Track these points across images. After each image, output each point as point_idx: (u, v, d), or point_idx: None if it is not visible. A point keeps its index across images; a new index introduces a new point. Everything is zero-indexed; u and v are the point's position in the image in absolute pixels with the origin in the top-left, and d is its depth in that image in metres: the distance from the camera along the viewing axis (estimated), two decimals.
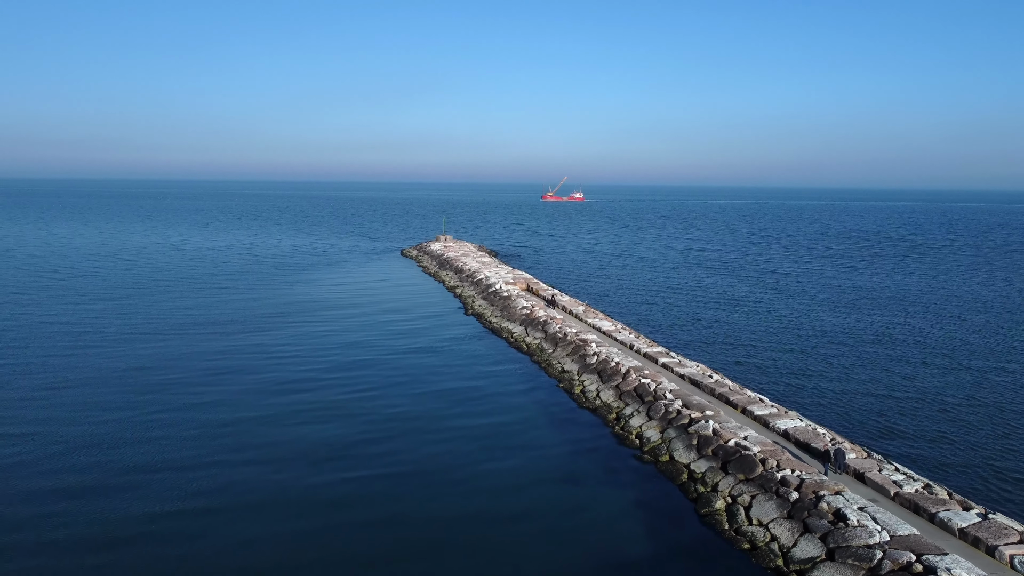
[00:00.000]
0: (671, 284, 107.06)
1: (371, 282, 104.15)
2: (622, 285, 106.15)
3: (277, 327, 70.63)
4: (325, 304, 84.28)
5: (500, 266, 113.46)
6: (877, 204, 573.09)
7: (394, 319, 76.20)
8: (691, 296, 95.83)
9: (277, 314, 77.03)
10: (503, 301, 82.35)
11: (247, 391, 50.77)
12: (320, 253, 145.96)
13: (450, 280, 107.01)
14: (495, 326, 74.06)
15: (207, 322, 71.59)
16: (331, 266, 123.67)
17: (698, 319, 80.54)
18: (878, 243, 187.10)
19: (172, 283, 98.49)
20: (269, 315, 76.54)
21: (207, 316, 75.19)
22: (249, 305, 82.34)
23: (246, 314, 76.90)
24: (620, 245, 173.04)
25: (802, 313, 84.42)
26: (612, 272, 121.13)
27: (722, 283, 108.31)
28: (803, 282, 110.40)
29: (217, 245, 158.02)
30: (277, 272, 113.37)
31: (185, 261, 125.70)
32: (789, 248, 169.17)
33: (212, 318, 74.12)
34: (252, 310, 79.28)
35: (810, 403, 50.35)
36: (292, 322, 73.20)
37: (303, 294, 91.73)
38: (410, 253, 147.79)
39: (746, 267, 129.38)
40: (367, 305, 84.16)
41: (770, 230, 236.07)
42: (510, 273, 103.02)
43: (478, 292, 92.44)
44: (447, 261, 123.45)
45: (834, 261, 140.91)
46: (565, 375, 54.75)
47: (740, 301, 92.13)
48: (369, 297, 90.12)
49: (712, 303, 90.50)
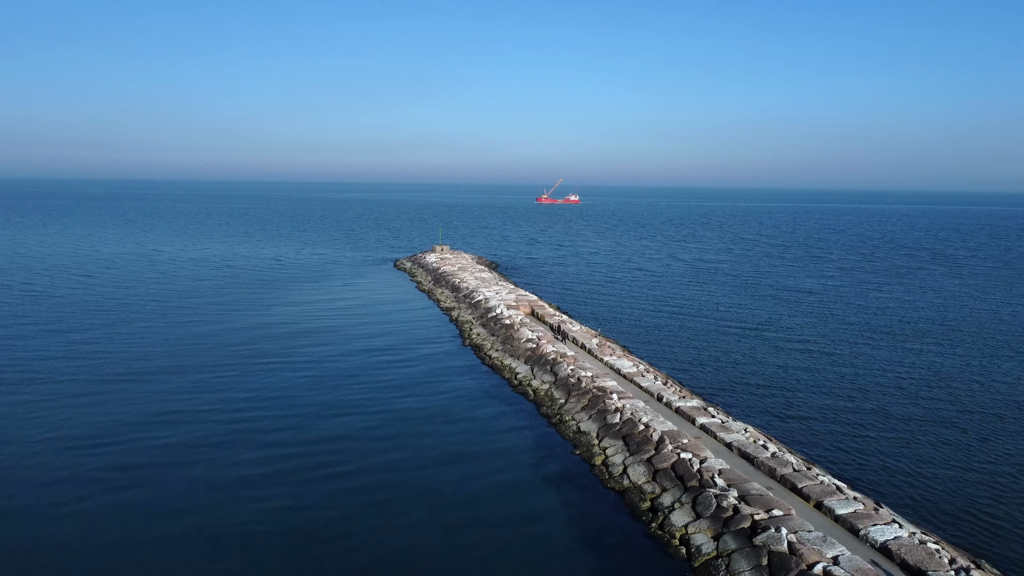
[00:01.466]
0: (684, 305, 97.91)
1: (358, 304, 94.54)
2: (631, 306, 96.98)
3: (241, 370, 60.47)
4: (302, 335, 74.44)
5: (500, 283, 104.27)
6: (880, 207, 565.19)
7: (382, 357, 66.57)
8: (710, 321, 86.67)
9: (243, 352, 66.58)
10: (505, 330, 73.10)
11: (193, 487, 41.43)
12: (305, 265, 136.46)
13: (446, 300, 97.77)
14: (496, 363, 64.80)
15: (155, 371, 59.43)
16: (316, 282, 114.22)
17: (723, 353, 71.35)
18: (896, 253, 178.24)
19: (132, 307, 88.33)
20: (234, 353, 66.25)
21: (162, 355, 64.78)
22: (213, 338, 72.17)
23: (208, 351, 66.73)
24: (622, 255, 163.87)
25: (838, 344, 75.34)
26: (618, 289, 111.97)
27: (740, 303, 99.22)
28: (828, 302, 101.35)
29: (194, 255, 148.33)
30: (254, 290, 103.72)
31: (154, 276, 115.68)
32: (803, 260, 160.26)
33: (166, 360, 63.28)
34: (216, 345, 69.11)
35: (898, 491, 40.27)
36: (260, 363, 63.00)
37: (279, 320, 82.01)
38: (404, 265, 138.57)
39: (762, 283, 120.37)
40: (352, 337, 74.39)
41: (778, 237, 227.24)
42: (512, 293, 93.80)
43: (476, 317, 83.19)
44: (443, 276, 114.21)
45: (856, 276, 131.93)
46: (582, 438, 45.53)
47: (765, 328, 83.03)
48: (355, 325, 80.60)
49: (735, 330, 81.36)
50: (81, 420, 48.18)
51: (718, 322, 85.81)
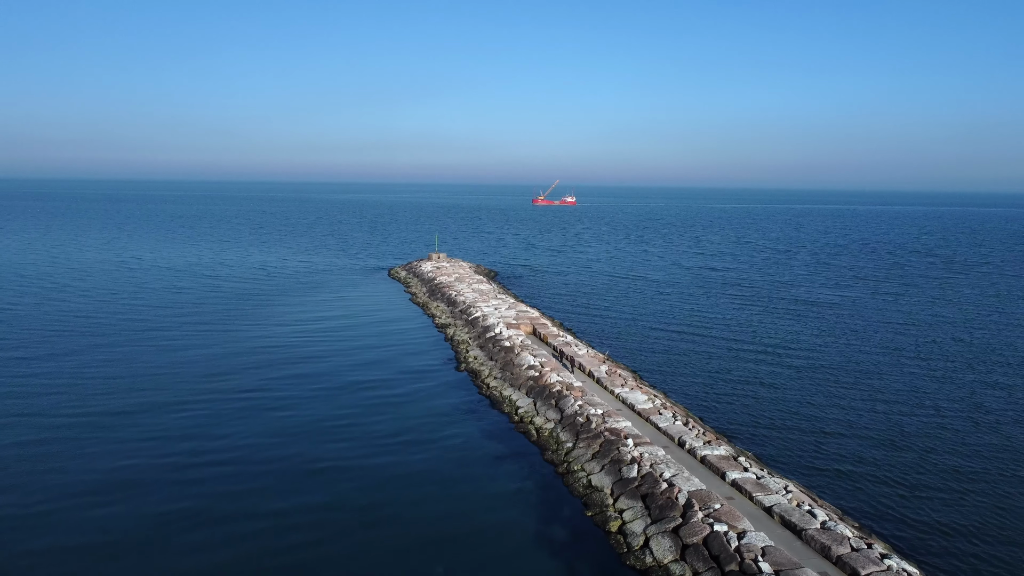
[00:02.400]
0: (694, 321, 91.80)
1: (347, 322, 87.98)
2: (637, 322, 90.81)
3: (208, 411, 53.60)
4: (283, 363, 67.56)
5: (499, 297, 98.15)
6: (883, 209, 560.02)
7: (369, 392, 60.11)
8: (723, 341, 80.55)
9: (213, 387, 59.60)
10: (504, 354, 67.01)
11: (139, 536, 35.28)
12: (293, 274, 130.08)
13: (441, 315, 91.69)
14: (495, 393, 58.69)
15: (109, 412, 52.43)
16: (304, 294, 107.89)
17: (742, 381, 65.27)
18: (906, 258, 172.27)
19: (98, 326, 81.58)
20: (202, 387, 59.30)
21: (119, 391, 57.54)
22: (182, 367, 65.27)
23: (174, 384, 59.99)
24: (624, 262, 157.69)
25: (865, 370, 69.35)
26: (622, 302, 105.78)
27: (753, 319, 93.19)
28: (847, 317, 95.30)
29: (176, 263, 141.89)
30: (235, 304, 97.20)
31: (129, 288, 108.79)
32: (811, 266, 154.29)
33: (123, 397, 56.06)
34: (183, 377, 62.34)
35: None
36: (231, 401, 55.98)
37: (258, 344, 75.13)
38: (398, 274, 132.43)
39: (774, 294, 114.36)
40: (337, 365, 67.64)
41: (783, 241, 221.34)
42: (512, 309, 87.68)
43: (473, 336, 77.09)
44: (439, 288, 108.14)
45: (870, 286, 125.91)
46: (594, 495, 39.45)
47: (784, 349, 76.98)
48: (342, 350, 74.03)
49: (751, 352, 75.28)
50: (9, 488, 42.01)
51: (732, 342, 79.71)
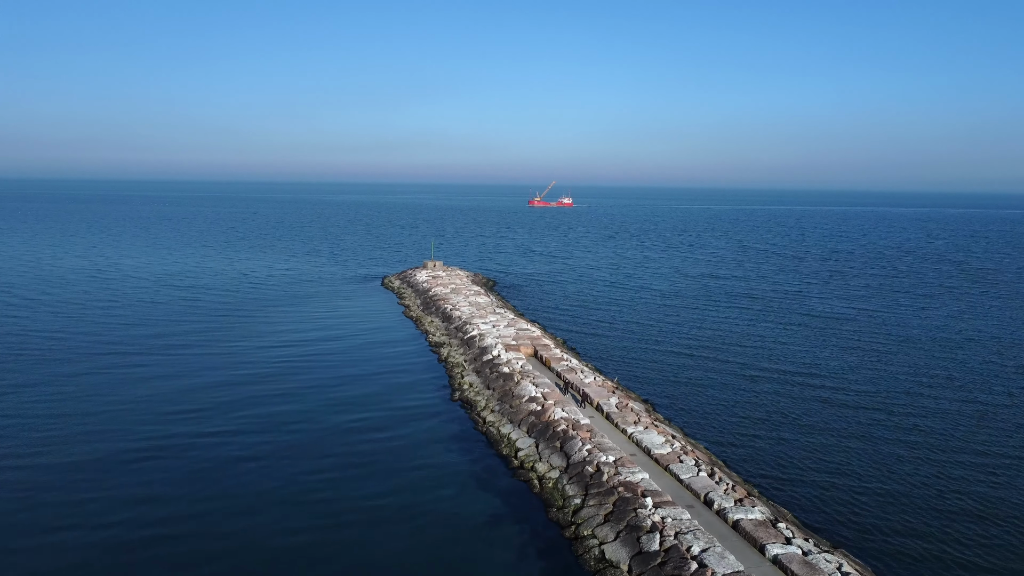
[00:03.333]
0: (705, 338, 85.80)
1: (334, 340, 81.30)
2: (643, 340, 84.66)
3: (171, 452, 47.71)
4: (258, 393, 60.83)
5: (497, 311, 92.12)
6: (886, 210, 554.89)
7: (353, 426, 53.92)
8: (738, 363, 74.46)
9: (180, 420, 53.45)
10: (503, 381, 61.03)
11: None
12: (279, 284, 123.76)
13: (435, 332, 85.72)
14: (492, 430, 52.68)
15: (59, 447, 46.99)
16: (289, 307, 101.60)
17: (766, 413, 59.26)
18: (918, 265, 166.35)
19: (63, 344, 75.41)
20: (167, 421, 53.14)
21: (73, 423, 51.72)
22: (147, 397, 58.60)
23: (135, 416, 53.64)
24: (625, 269, 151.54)
25: (897, 400, 63.44)
26: (626, 316, 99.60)
27: (767, 336, 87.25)
28: (867, 334, 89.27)
29: (158, 270, 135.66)
30: (212, 320, 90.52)
31: (104, 300, 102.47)
32: (821, 274, 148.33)
33: (75, 430, 50.44)
34: (147, 408, 55.78)
35: None
36: (198, 438, 50.02)
37: (235, 368, 68.48)
38: (392, 284, 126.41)
39: (785, 307, 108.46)
40: (321, 394, 61.11)
41: (788, 246, 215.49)
42: (511, 326, 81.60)
43: (469, 359, 71.08)
44: (433, 300, 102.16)
45: (885, 295, 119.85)
46: (609, 572, 33.44)
47: (805, 373, 70.97)
48: (325, 372, 67.79)
49: (771, 377, 69.32)
50: None
51: (748, 366, 73.60)
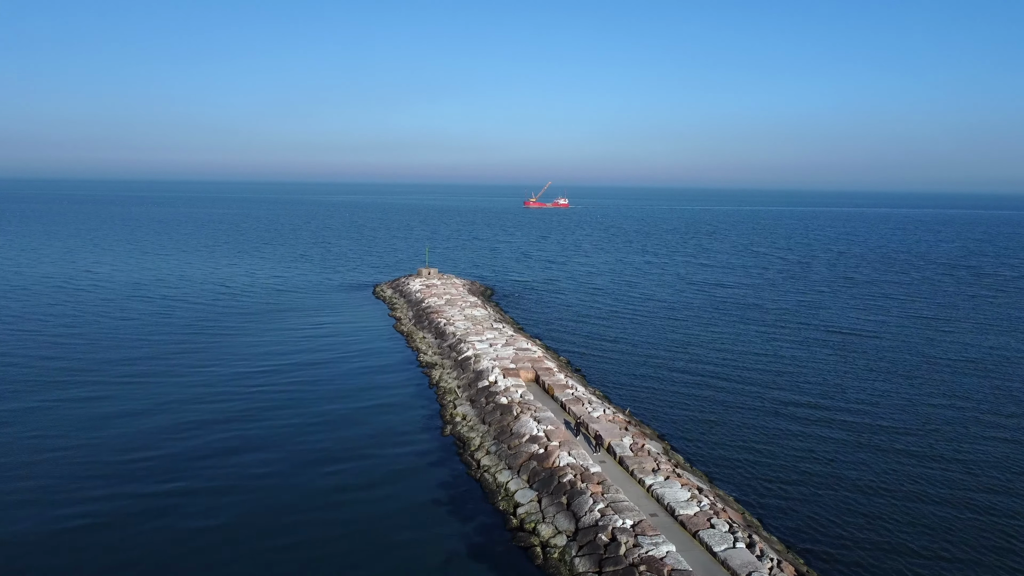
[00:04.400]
0: (717, 358, 79.05)
1: (317, 366, 73.32)
2: (653, 361, 77.71)
3: (116, 512, 40.81)
4: (225, 438, 52.82)
5: (495, 326, 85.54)
6: (889, 211, 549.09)
7: (330, 470, 47.13)
8: (757, 389, 67.76)
9: (130, 468, 46.59)
10: (500, 414, 54.49)
11: None
12: (263, 293, 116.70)
13: (427, 350, 79.26)
14: (487, 477, 46.04)
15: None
16: (271, 320, 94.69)
17: (797, 454, 52.62)
18: (932, 272, 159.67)
19: (11, 369, 68.45)
20: (106, 484, 44.98)
21: (8, 467, 45.63)
22: (87, 446, 50.44)
23: (73, 468, 46.42)
24: (627, 277, 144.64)
25: (938, 430, 56.94)
26: (633, 332, 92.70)
27: (783, 355, 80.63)
28: (888, 350, 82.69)
29: (134, 278, 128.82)
30: (186, 337, 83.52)
31: (67, 313, 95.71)
32: (832, 282, 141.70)
33: (9, 475, 44.49)
34: (88, 455, 48.55)
35: None
36: (145, 497, 43.02)
37: (202, 399, 61.41)
38: (383, 293, 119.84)
39: (798, 318, 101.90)
40: (294, 438, 52.99)
41: (795, 250, 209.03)
42: (509, 345, 74.94)
43: (463, 385, 64.52)
44: (426, 312, 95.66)
45: (903, 307, 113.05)
46: None
47: (833, 402, 64.38)
48: (304, 400, 60.94)
49: (796, 406, 62.78)
50: None
51: (768, 391, 66.87)
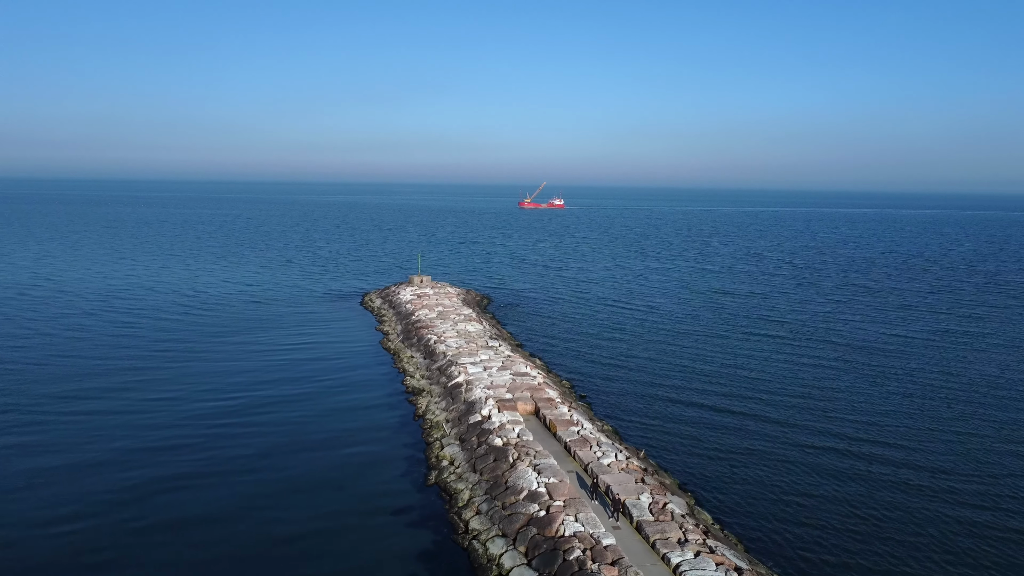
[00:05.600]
0: (734, 382, 72.20)
1: (287, 397, 65.24)
2: (664, 385, 70.79)
3: None
4: (168, 495, 44.90)
5: (490, 344, 78.59)
6: (893, 212, 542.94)
7: (297, 530, 40.32)
8: (782, 422, 60.93)
9: (38, 546, 39.48)
10: (493, 460, 47.53)
11: None
12: (241, 303, 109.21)
13: (415, 373, 72.41)
14: (476, 549, 38.97)
15: None
16: (245, 337, 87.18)
17: (839, 513, 45.64)
18: (949, 278, 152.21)
19: None
20: (24, 546, 38.44)
21: None
22: (11, 494, 43.75)
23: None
24: (628, 285, 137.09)
25: (1007, 492, 50.15)
26: (639, 349, 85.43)
27: (805, 376, 73.84)
28: (925, 373, 75.79)
29: (99, 286, 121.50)
30: (146, 357, 75.87)
31: (14, 330, 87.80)
32: (845, 289, 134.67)
33: None
34: (3, 521, 40.98)
35: None
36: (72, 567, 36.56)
37: (146, 440, 53.82)
38: (372, 303, 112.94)
39: (815, 333, 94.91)
40: (251, 504, 44.65)
41: (801, 253, 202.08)
42: (506, 370, 67.80)
43: (453, 418, 57.54)
44: (416, 328, 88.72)
45: (926, 318, 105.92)
46: None
47: (873, 440, 57.52)
48: (273, 439, 53.82)
49: (829, 445, 55.90)
50: None
51: (799, 424, 59.85)
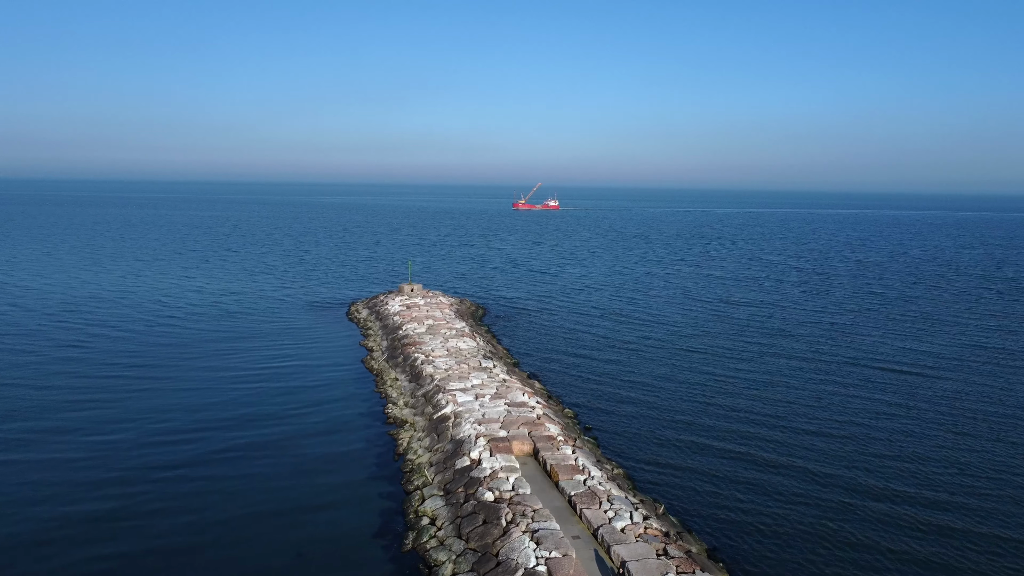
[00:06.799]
0: (752, 409, 64.40)
1: (256, 427, 57.26)
2: (677, 416, 63.18)
3: None
4: (98, 544, 38.32)
5: (484, 363, 70.86)
6: (897, 213, 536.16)
7: None
8: (815, 470, 53.35)
9: None
10: (483, 521, 39.76)
11: None
12: (213, 315, 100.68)
13: (399, 399, 64.76)
14: None
15: None
16: (214, 352, 79.44)
17: None
18: (965, 283, 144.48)
19: None
20: None
21: None
22: None
23: None
24: (628, 294, 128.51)
25: None
26: (645, 371, 77.17)
27: (829, 400, 66.09)
28: (958, 395, 68.07)
29: (59, 296, 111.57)
30: (98, 377, 67.48)
31: None
32: (857, 296, 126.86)
33: None
34: None
35: None
36: None
37: (78, 479, 46.20)
38: (358, 314, 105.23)
39: (837, 350, 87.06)
40: (190, 549, 38.94)
41: (808, 258, 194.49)
42: (500, 399, 59.92)
43: (438, 461, 49.74)
44: (402, 344, 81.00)
45: (956, 333, 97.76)
46: None
47: (949, 502, 50.20)
48: (222, 501, 45.47)
49: (876, 496, 48.38)
50: None
51: (835, 472, 52.08)
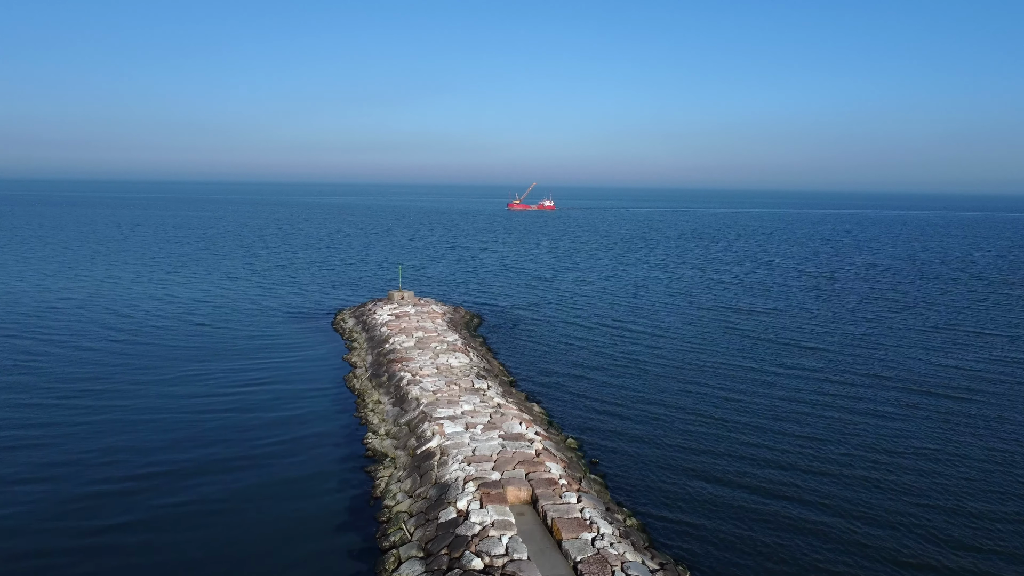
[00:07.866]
0: (775, 444, 57.93)
1: (218, 473, 49.15)
2: (686, 438, 56.28)
3: None
4: None
5: (477, 384, 63.99)
6: (900, 213, 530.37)
7: None
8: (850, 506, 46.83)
9: None
10: None
11: None
12: (184, 324, 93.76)
13: (380, 427, 57.97)
14: None
15: None
16: (182, 371, 72.55)
17: None
18: (982, 288, 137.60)
19: None
20: None
21: None
22: None
23: None
24: (630, 300, 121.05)
25: None
26: (649, 386, 70.22)
27: (859, 429, 59.33)
28: (1001, 421, 61.81)
29: (21, 304, 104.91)
30: (41, 401, 60.03)
31: None
32: (870, 302, 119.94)
33: None
34: None
35: None
36: None
37: (8, 526, 40.87)
38: (344, 324, 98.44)
39: (852, 362, 79.99)
40: None
41: (815, 260, 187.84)
42: (494, 428, 53.08)
43: (418, 514, 42.70)
44: (388, 358, 74.18)
45: (980, 343, 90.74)
46: None
47: None
48: (172, 562, 39.34)
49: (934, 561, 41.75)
50: None
51: (888, 538, 45.79)
